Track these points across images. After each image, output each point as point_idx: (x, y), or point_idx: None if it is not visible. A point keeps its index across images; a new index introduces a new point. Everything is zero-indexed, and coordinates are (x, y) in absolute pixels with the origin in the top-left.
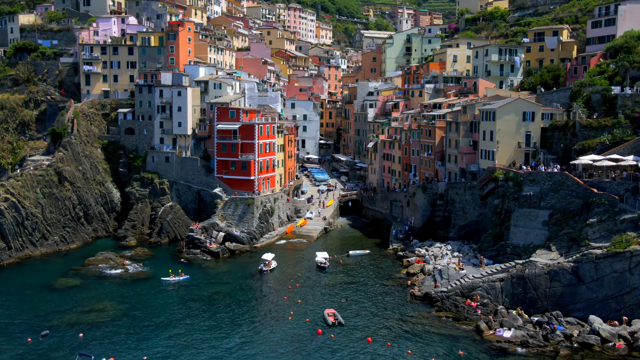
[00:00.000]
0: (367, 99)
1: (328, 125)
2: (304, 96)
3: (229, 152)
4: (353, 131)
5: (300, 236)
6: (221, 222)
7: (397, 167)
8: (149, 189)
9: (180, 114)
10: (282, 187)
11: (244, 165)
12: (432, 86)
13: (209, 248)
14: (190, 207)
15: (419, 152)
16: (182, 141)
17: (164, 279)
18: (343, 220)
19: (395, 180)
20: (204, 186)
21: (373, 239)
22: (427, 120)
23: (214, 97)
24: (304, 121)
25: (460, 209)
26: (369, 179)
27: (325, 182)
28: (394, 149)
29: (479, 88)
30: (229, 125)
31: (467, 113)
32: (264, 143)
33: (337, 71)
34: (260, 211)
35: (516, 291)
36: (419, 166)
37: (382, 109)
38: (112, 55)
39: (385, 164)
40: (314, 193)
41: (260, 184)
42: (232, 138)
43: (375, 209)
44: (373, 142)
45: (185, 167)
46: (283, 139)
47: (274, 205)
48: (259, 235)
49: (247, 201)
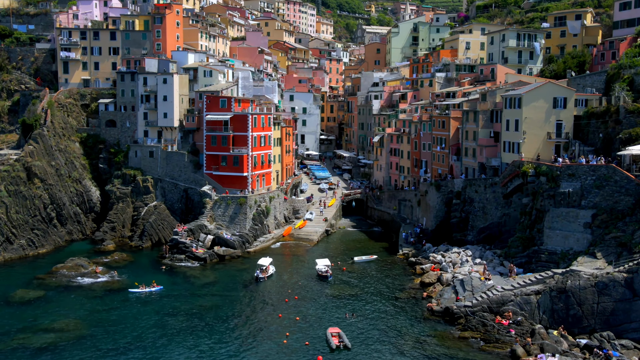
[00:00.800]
0: (372, 90)
1: (329, 120)
2: (303, 88)
3: (219, 145)
4: (356, 125)
5: (298, 239)
6: (210, 224)
7: (405, 163)
8: (131, 187)
9: (165, 104)
10: (278, 185)
11: (236, 160)
12: (444, 75)
13: (195, 253)
14: (176, 207)
15: (431, 146)
16: (168, 134)
17: (132, 290)
18: (346, 221)
19: (403, 177)
20: (192, 184)
21: (380, 242)
22: (440, 110)
23: (204, 85)
24: (304, 115)
25: (479, 209)
26: (375, 177)
27: (327, 180)
28: (402, 143)
29: (497, 75)
30: (219, 116)
31: (486, 101)
32: (258, 136)
33: (338, 64)
34: (254, 212)
35: (556, 307)
36: (430, 162)
37: (389, 101)
38: (93, 40)
39: (393, 159)
40: (314, 192)
41: (254, 181)
42: (222, 130)
43: (381, 210)
44: (379, 136)
45: (171, 162)
46: (280, 132)
47: (269, 205)
48: (252, 239)
49: (239, 200)
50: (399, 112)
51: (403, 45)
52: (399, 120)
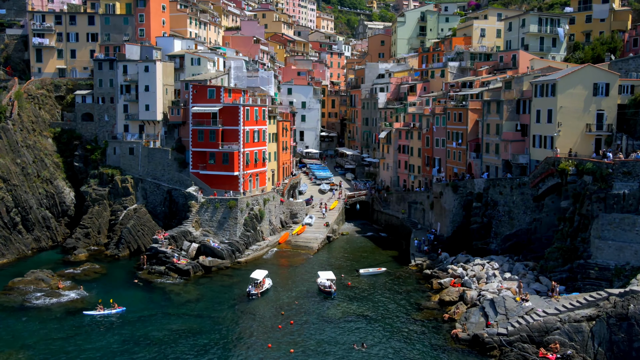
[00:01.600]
0: (377, 83)
1: (330, 115)
2: (302, 80)
3: (207, 141)
4: (360, 120)
5: (296, 247)
6: (195, 230)
7: (416, 162)
8: (109, 188)
9: (147, 95)
10: (274, 185)
11: (226, 157)
12: (457, 64)
13: (177, 264)
14: (159, 210)
15: (445, 142)
16: (151, 129)
17: (88, 312)
18: (350, 226)
19: (413, 177)
20: (176, 184)
21: (388, 250)
22: (456, 102)
23: (191, 75)
24: (303, 109)
25: (504, 213)
26: (381, 177)
27: (328, 180)
28: (412, 140)
29: (519, 62)
30: (206, 108)
31: (512, 89)
32: (251, 130)
33: (340, 58)
34: (246, 216)
35: (616, 338)
36: (444, 159)
37: (396, 94)
38: (69, 25)
39: (401, 157)
40: (314, 193)
41: (246, 181)
42: (210, 124)
43: (389, 213)
44: (385, 132)
45: (153, 160)
46: (276, 127)
47: (263, 208)
48: (243, 247)
49: (229, 203)
50: (408, 105)
51: (410, 36)
52: (408, 114)
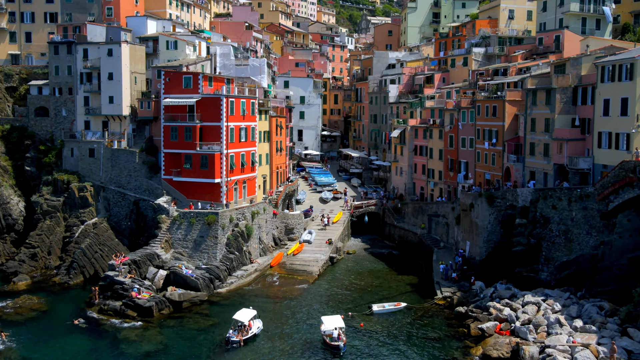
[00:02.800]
0: (387, 74)
1: (333, 112)
2: (301, 72)
3: (182, 140)
4: (367, 117)
5: (292, 272)
6: (165, 253)
7: (436, 165)
8: (64, 198)
9: (111, 85)
10: (266, 194)
11: (205, 161)
12: (482, 50)
13: (137, 300)
14: (123, 225)
15: (474, 142)
16: (116, 126)
17: None
18: (357, 242)
19: (433, 184)
20: (145, 194)
21: (405, 276)
22: (488, 92)
23: (167, 60)
24: (302, 105)
25: (560, 233)
26: (392, 183)
27: (330, 187)
28: (432, 139)
29: (563, 44)
30: (181, 99)
31: (566, 73)
32: (236, 127)
33: (342, 52)
34: (229, 234)
35: None
36: (473, 163)
37: (409, 86)
38: (24, 4)
39: (418, 160)
40: (314, 203)
41: (230, 190)
42: (186, 119)
43: (404, 228)
44: (398, 130)
45: (117, 164)
46: (268, 123)
47: (251, 223)
48: (224, 273)
49: (207, 218)
50: (425, 98)
51: (421, 24)
52: (426, 109)
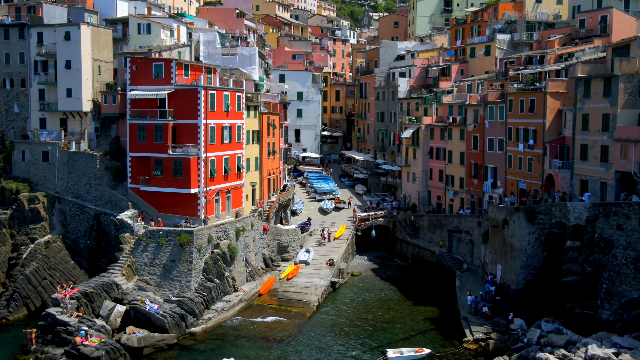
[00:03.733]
0: (396, 66)
1: (334, 110)
2: (298, 65)
3: (151, 142)
4: (373, 116)
5: (286, 302)
6: (126, 282)
7: (456, 171)
8: (12, 211)
9: (69, 75)
10: (255, 206)
11: (179, 167)
12: (508, 37)
13: (82, 347)
14: (82, 244)
15: (505, 143)
16: (76, 124)
17: None
18: (362, 261)
19: (453, 193)
20: (108, 206)
21: (423, 306)
22: (523, 83)
23: (139, 47)
24: (299, 102)
25: (628, 261)
26: (403, 191)
27: (332, 194)
28: (451, 140)
29: (611, 26)
30: (150, 92)
31: (631, 57)
32: (218, 126)
33: (344, 46)
34: (207, 257)
35: None
36: (503, 168)
37: (421, 79)
38: None
39: (434, 165)
40: (313, 214)
41: (210, 202)
42: (156, 116)
43: (419, 245)
44: (410, 130)
45: (76, 170)
46: (259, 122)
47: (235, 242)
48: (200, 307)
49: (180, 238)
50: (441, 93)
51: (432, 13)
52: (443, 106)
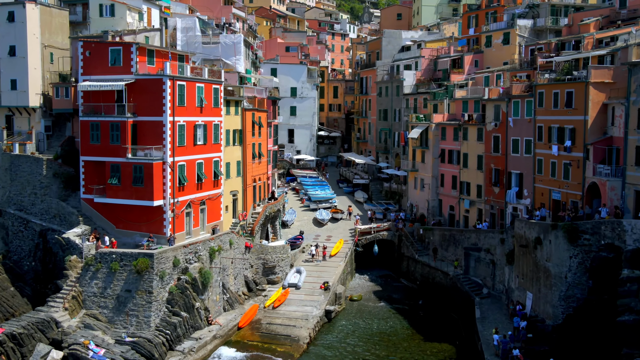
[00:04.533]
0: (401, 58)
1: (332, 108)
2: (292, 58)
3: (107, 143)
4: (375, 113)
5: (270, 339)
6: (69, 318)
7: (473, 177)
8: None
9: (14, 63)
10: (236, 219)
11: (140, 174)
12: (530, 23)
13: None
14: (26, 266)
15: (532, 145)
16: (24, 122)
17: None
18: (363, 282)
19: (469, 203)
20: (55, 221)
21: (437, 343)
22: (558, 73)
23: (101, 32)
24: (293, 99)
25: None
26: (410, 199)
27: (329, 202)
28: (467, 141)
29: None
30: (105, 82)
31: None
32: (189, 124)
33: (343, 41)
34: (172, 285)
35: None
36: (531, 175)
37: (429, 72)
38: None
39: (446, 170)
40: (306, 226)
41: (179, 217)
42: (114, 112)
43: (429, 264)
44: (418, 129)
45: (19, 177)
46: (241, 119)
47: (209, 265)
48: (162, 349)
49: (137, 263)
50: (453, 87)
51: (438, 2)
52: (456, 101)
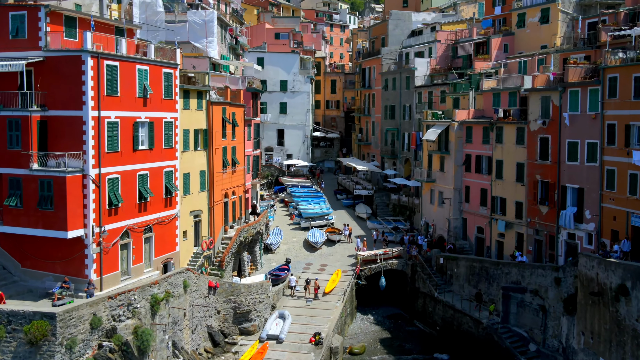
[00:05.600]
0: (411, 44)
1: (330, 105)
2: (282, 47)
3: (4, 148)
4: (380, 110)
5: None
6: None
7: (510, 191)
8: None
9: None
10: (199, 248)
11: (47, 192)
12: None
13: None
14: None
15: (597, 149)
16: None
17: None
18: (366, 325)
19: (504, 225)
20: None
21: None
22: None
23: None
24: (283, 93)
25: None
26: (425, 216)
27: (323, 219)
28: (501, 144)
29: None
30: (1, 61)
31: None
32: (126, 121)
33: (343, 33)
34: (89, 356)
35: None
36: (597, 191)
37: (446, 60)
38: None
39: (472, 181)
40: (294, 251)
41: (110, 252)
42: (15, 103)
43: (452, 305)
44: (436, 129)
45: None
46: (205, 117)
47: (150, 322)
48: None
49: (29, 329)
50: (480, 76)
51: None
52: (484, 94)
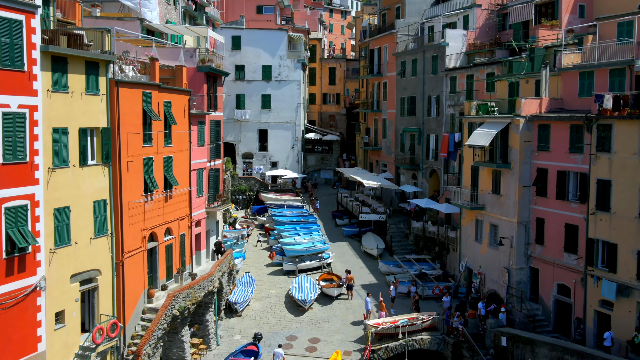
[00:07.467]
0: (437, 13)
1: (327, 99)
2: (266, 23)
3: None
4: (394, 104)
5: None
6: None
7: (622, 232)
8: None
9: None
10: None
11: None
12: None
13: None
14: None
15: None
16: None
17: None
18: None
19: (614, 289)
20: None
21: None
22: None
23: None
24: (266, 82)
25: None
26: (466, 257)
27: (317, 259)
28: (608, 154)
29: None
30: None
31: None
32: None
33: (344, 20)
34: None
35: None
36: None
37: (490, 32)
38: None
39: (548, 211)
40: (270, 314)
41: None
42: None
43: None
44: (486, 130)
45: None
46: (107, 106)
47: None
48: None
49: None
50: (546, 52)
51: None
52: (562, 75)
